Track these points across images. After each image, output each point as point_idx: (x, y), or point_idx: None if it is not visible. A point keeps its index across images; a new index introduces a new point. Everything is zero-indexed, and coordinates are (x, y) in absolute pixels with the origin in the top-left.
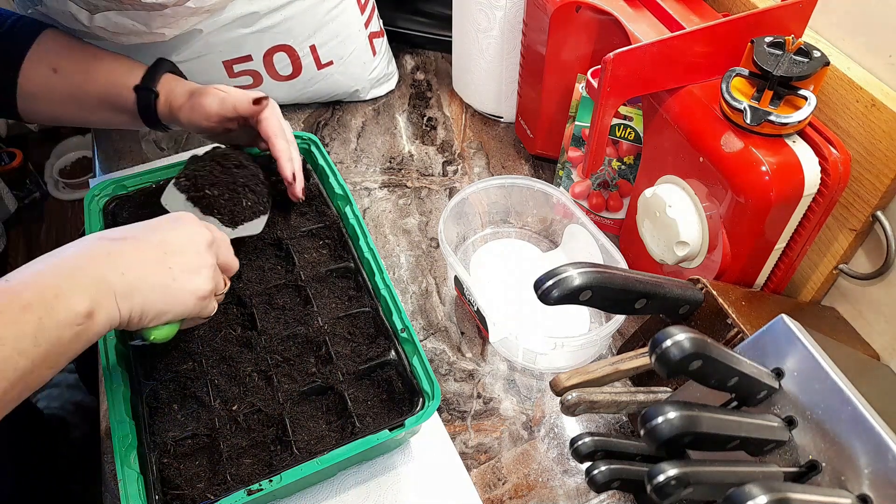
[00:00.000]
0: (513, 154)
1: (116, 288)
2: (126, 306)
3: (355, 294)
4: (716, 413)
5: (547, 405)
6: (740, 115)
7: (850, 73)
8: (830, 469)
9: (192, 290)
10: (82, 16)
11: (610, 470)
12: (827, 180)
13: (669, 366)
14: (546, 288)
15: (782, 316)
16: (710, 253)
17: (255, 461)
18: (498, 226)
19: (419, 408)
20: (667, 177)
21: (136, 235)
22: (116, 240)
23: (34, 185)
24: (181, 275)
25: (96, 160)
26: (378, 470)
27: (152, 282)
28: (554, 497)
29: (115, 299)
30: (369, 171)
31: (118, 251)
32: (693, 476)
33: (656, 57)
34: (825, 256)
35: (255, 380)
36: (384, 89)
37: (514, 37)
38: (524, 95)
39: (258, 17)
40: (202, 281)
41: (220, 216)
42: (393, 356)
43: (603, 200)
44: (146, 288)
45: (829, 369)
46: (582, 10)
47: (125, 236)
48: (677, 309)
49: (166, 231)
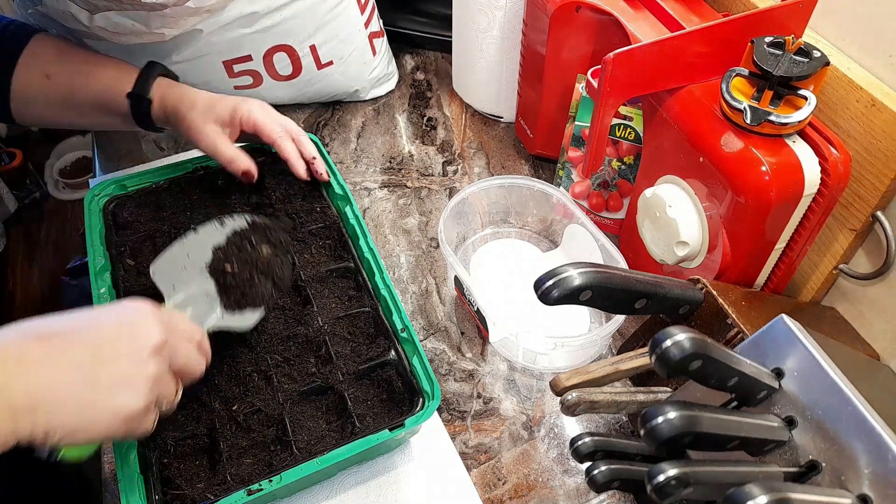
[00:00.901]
0: (513, 154)
1: (16, 401)
2: (27, 424)
3: (355, 294)
4: (716, 413)
5: (547, 405)
6: (740, 115)
7: (850, 73)
8: (830, 469)
9: (115, 408)
10: (82, 16)
11: (610, 470)
12: (827, 180)
13: (669, 366)
14: (546, 288)
15: (782, 316)
16: (710, 253)
17: (255, 461)
18: (498, 226)
19: (419, 408)
20: (667, 177)
21: (69, 332)
22: (42, 338)
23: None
24: (107, 388)
25: (96, 160)
26: (378, 470)
27: (64, 396)
28: (554, 497)
29: (12, 414)
30: (369, 171)
31: (34, 355)
32: (693, 476)
33: (656, 57)
34: (825, 256)
35: (255, 380)
36: (384, 89)
37: (514, 37)
38: (524, 95)
39: (258, 17)
40: (132, 397)
41: (226, 297)
42: (393, 356)
43: (603, 200)
44: (55, 403)
45: (829, 369)
46: (582, 10)
47: (55, 332)
48: (677, 309)
49: (106, 329)
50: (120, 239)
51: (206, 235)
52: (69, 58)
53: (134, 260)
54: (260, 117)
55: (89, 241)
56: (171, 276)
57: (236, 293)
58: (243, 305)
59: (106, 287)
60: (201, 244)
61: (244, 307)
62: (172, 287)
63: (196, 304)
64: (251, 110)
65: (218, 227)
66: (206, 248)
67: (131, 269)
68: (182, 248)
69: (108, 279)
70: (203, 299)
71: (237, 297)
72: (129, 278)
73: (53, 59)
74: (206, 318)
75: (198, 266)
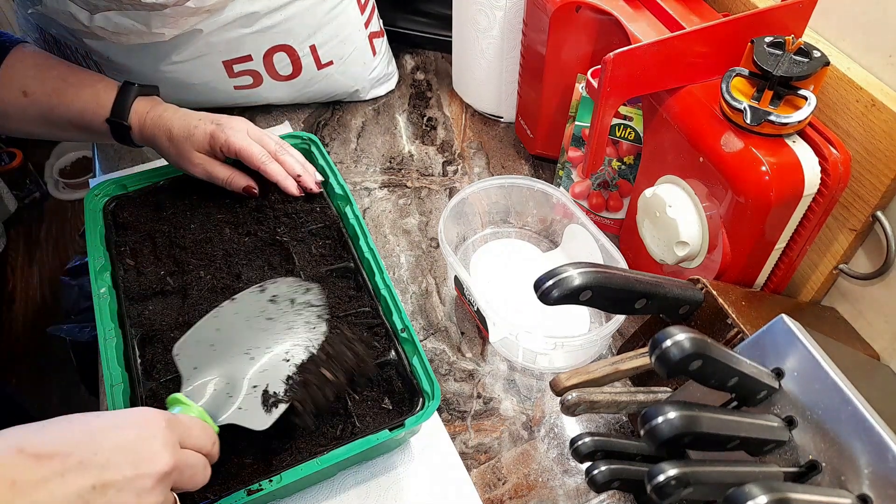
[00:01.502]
0: (513, 154)
1: None
2: None
3: (355, 294)
4: (716, 413)
5: (547, 405)
6: (740, 115)
7: (850, 73)
8: (830, 469)
9: None
10: (82, 16)
11: (610, 470)
12: (827, 180)
13: (669, 366)
14: (546, 288)
15: (782, 316)
16: (710, 253)
17: (255, 461)
18: (498, 226)
19: (419, 408)
20: (667, 177)
21: (69, 453)
22: (40, 457)
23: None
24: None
25: (96, 160)
26: (378, 470)
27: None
28: (554, 497)
29: None
30: (369, 171)
31: (30, 477)
32: (693, 476)
33: (656, 57)
34: (825, 256)
35: None
36: (384, 89)
37: (514, 37)
38: (524, 95)
39: (258, 17)
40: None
41: (300, 399)
42: (393, 356)
43: (603, 200)
44: None
45: (829, 369)
46: (582, 10)
47: (54, 451)
48: (677, 309)
49: (109, 452)
50: (120, 239)
51: (243, 304)
52: (47, 74)
53: (134, 260)
54: (239, 143)
55: (89, 241)
56: (196, 356)
57: (311, 401)
58: (313, 412)
59: (106, 287)
60: (238, 315)
61: (315, 412)
62: (193, 369)
63: (216, 390)
64: (228, 138)
65: (258, 293)
66: (243, 319)
67: (131, 269)
68: (213, 321)
69: (108, 279)
70: (223, 386)
71: (309, 403)
72: (128, 278)
73: (31, 75)
74: (223, 410)
75: (230, 342)
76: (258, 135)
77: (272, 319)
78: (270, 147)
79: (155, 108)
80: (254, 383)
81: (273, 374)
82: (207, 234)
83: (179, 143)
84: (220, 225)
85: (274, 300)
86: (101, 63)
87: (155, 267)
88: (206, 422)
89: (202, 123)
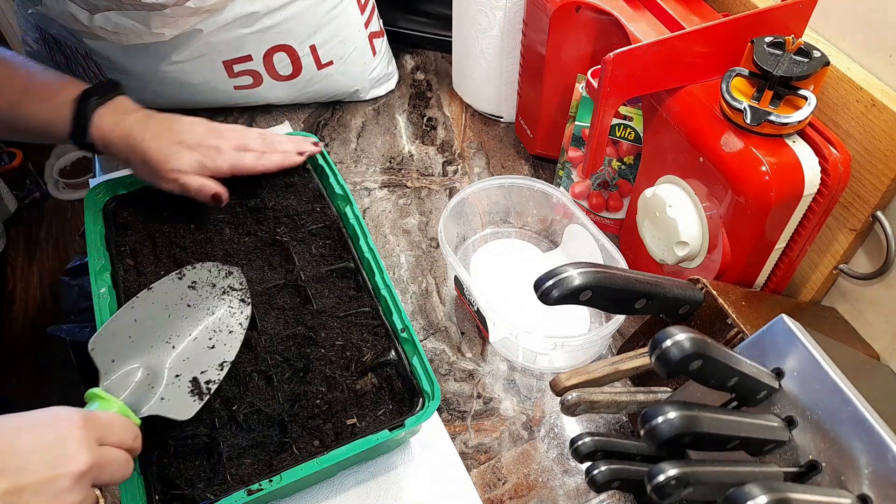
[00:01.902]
0: (513, 154)
1: None
2: None
3: (355, 294)
4: (716, 413)
5: (547, 405)
6: (740, 115)
7: (850, 73)
8: (830, 469)
9: None
10: (82, 16)
11: (610, 470)
12: (827, 180)
13: (669, 366)
14: (546, 288)
15: (782, 316)
16: (710, 253)
17: (255, 461)
18: (498, 226)
19: (419, 408)
20: (667, 177)
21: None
22: None
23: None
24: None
25: (96, 160)
26: (378, 470)
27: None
28: (554, 497)
29: None
30: (369, 171)
31: None
32: (693, 476)
33: (656, 57)
34: (825, 256)
35: (255, 380)
36: (384, 89)
37: (514, 37)
38: (524, 95)
39: (258, 17)
40: None
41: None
42: (393, 356)
43: (603, 200)
44: None
45: (829, 369)
46: (582, 10)
47: None
48: (677, 309)
49: (25, 454)
50: (120, 239)
51: (161, 293)
52: (7, 85)
53: (134, 260)
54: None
55: (89, 241)
56: (113, 349)
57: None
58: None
59: (106, 287)
60: (157, 304)
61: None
62: (111, 362)
63: (137, 382)
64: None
65: (176, 280)
66: (162, 308)
67: (131, 269)
68: (129, 313)
69: (107, 279)
70: (145, 377)
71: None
72: (128, 278)
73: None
74: (145, 402)
75: (149, 332)
76: (238, 140)
77: (192, 306)
78: (257, 147)
79: (120, 123)
80: (176, 372)
81: (197, 361)
82: (207, 235)
83: (155, 167)
84: (219, 225)
85: (193, 286)
86: (100, 63)
87: (155, 267)
88: (127, 416)
89: (182, 150)
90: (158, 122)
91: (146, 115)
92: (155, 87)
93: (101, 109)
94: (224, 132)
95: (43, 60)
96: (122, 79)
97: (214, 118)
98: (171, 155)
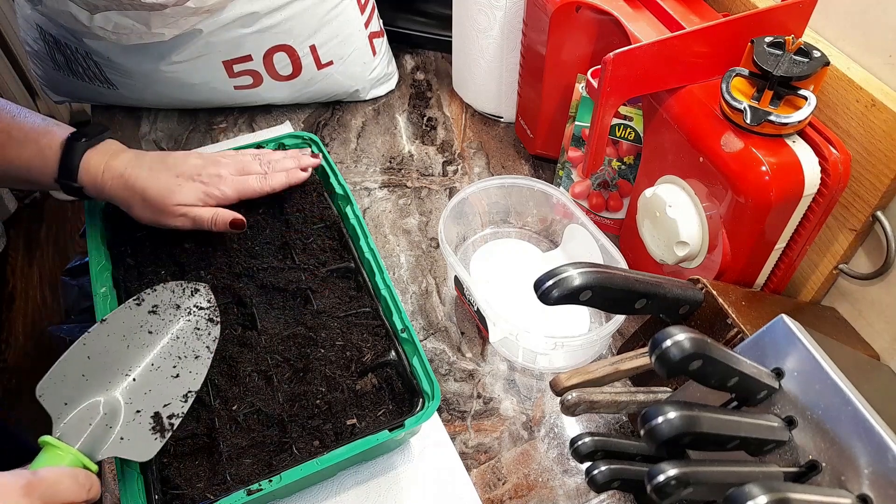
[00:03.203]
0: (513, 154)
1: None
2: None
3: (356, 294)
4: (716, 413)
5: (547, 405)
6: (740, 115)
7: (850, 73)
8: (830, 469)
9: None
10: (82, 16)
11: (610, 470)
12: (827, 180)
13: (669, 366)
14: (546, 288)
15: (782, 316)
16: (710, 253)
17: (255, 461)
18: (498, 226)
19: (419, 408)
20: (667, 177)
21: None
22: None
23: None
24: None
25: None
26: (378, 470)
27: None
28: (554, 497)
29: None
30: (369, 171)
31: None
32: (693, 476)
33: (656, 57)
34: (825, 256)
35: (254, 380)
36: (384, 89)
37: (514, 37)
38: (524, 95)
39: (258, 17)
40: None
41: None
42: (393, 356)
43: (603, 200)
44: None
45: (829, 369)
46: (582, 10)
47: None
48: (677, 309)
49: None
50: (120, 238)
51: (118, 323)
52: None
53: (134, 259)
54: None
55: (90, 241)
56: (65, 391)
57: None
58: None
59: (107, 286)
60: (113, 336)
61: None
62: (63, 405)
63: (93, 423)
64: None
65: (134, 307)
66: (118, 339)
67: (131, 269)
68: (81, 350)
69: (108, 279)
70: (101, 416)
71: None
72: (129, 278)
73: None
74: (102, 443)
75: (106, 367)
76: (237, 165)
77: (154, 332)
78: (257, 169)
79: (111, 165)
80: (137, 408)
81: (160, 393)
82: (208, 234)
83: (157, 203)
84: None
85: (155, 311)
86: (100, 63)
87: (155, 266)
88: (80, 465)
89: (184, 182)
90: (151, 159)
91: (136, 155)
92: (155, 87)
93: (90, 152)
94: (220, 159)
95: (43, 60)
96: (122, 79)
97: (214, 118)
98: (173, 189)
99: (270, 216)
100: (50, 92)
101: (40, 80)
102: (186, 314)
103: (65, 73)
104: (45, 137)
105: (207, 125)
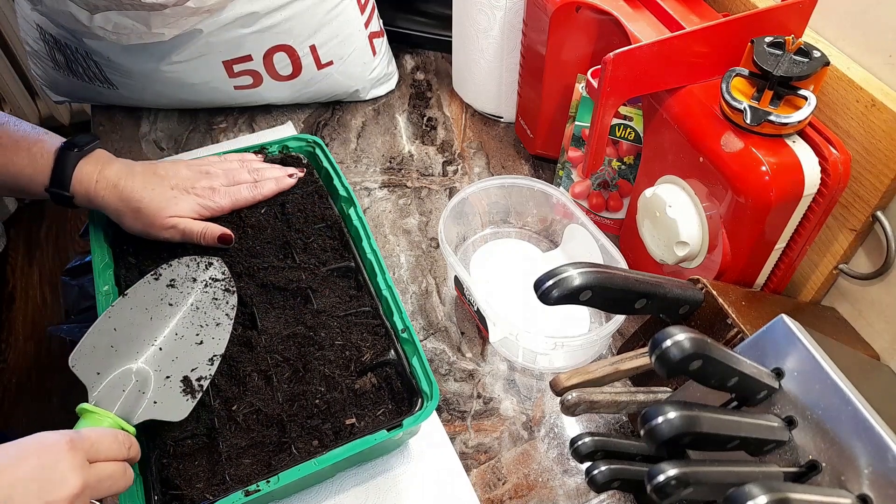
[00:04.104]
0: (513, 154)
1: None
2: None
3: (356, 294)
4: (716, 413)
5: (547, 405)
6: (740, 115)
7: (850, 73)
8: (830, 469)
9: None
10: (82, 16)
11: (610, 470)
12: (827, 180)
13: (669, 366)
14: (546, 288)
15: (782, 316)
16: (710, 253)
17: (254, 461)
18: (498, 226)
19: (418, 408)
20: (667, 177)
21: None
22: None
23: None
24: None
25: None
26: (377, 471)
27: None
28: (554, 497)
29: None
30: (369, 171)
31: None
32: (693, 476)
33: (656, 57)
34: (825, 256)
35: (254, 379)
36: (384, 89)
37: (514, 37)
38: (524, 95)
39: (258, 17)
40: None
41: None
42: (393, 356)
43: (603, 200)
44: None
45: (829, 369)
46: (582, 10)
47: None
48: (677, 309)
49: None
50: (122, 237)
51: (139, 296)
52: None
53: (136, 258)
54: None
55: (93, 239)
56: (96, 361)
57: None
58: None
59: (109, 285)
60: (136, 309)
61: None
62: (96, 375)
63: (127, 389)
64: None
65: (153, 281)
66: (142, 311)
67: (133, 268)
68: (107, 322)
69: (110, 277)
70: (134, 383)
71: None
72: (130, 276)
73: None
74: (137, 408)
75: (132, 338)
76: (228, 175)
77: (174, 305)
78: (247, 177)
79: (104, 174)
80: (166, 374)
81: (186, 359)
82: None
83: (151, 216)
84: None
85: (173, 284)
86: (100, 63)
87: (156, 265)
88: (119, 427)
89: (179, 195)
90: (142, 169)
91: (126, 165)
92: (155, 87)
93: (82, 162)
94: (210, 170)
95: (43, 60)
96: (122, 79)
97: (214, 118)
98: (169, 200)
99: (271, 216)
100: (50, 92)
101: (40, 80)
102: (203, 286)
103: (65, 73)
104: (36, 146)
105: (207, 125)
